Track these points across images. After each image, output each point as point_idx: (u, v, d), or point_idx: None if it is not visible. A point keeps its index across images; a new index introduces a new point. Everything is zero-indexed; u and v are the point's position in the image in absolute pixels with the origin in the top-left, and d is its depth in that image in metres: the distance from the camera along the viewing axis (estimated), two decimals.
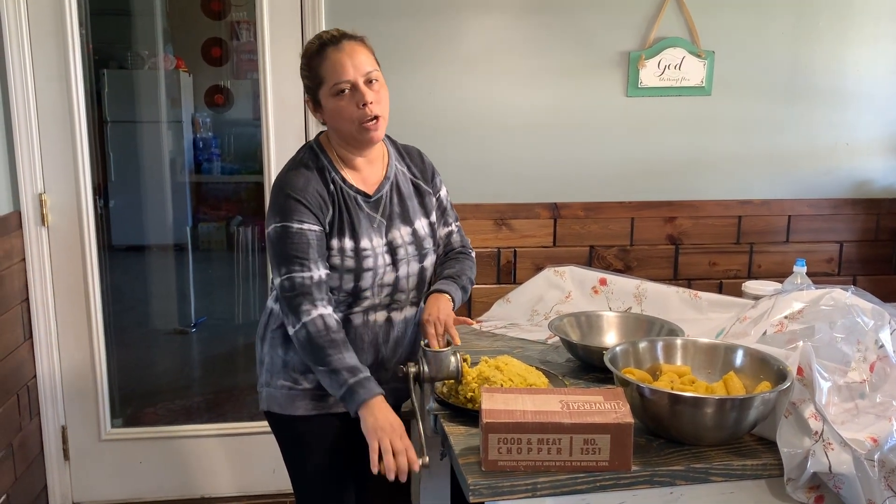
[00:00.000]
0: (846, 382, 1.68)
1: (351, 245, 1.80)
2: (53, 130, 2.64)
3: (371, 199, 1.86)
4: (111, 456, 2.90)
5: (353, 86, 1.74)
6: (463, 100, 2.79)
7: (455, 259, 2.02)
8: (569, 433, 1.49)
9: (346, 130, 1.79)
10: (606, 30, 2.80)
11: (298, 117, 2.75)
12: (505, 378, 1.81)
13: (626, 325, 2.24)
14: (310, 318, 1.72)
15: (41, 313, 2.70)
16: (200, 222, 4.93)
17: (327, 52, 1.75)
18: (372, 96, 1.74)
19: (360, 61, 1.75)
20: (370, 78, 1.76)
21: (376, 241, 1.83)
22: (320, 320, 1.73)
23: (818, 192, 3.04)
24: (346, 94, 1.74)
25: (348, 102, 1.74)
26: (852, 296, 1.81)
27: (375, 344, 1.89)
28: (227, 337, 4.37)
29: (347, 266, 1.80)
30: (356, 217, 1.82)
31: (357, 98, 1.74)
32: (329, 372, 1.71)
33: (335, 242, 1.79)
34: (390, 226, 1.87)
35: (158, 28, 4.52)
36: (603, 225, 2.93)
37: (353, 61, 1.74)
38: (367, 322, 1.87)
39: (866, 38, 2.95)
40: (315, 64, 1.77)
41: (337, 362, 1.71)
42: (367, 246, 1.81)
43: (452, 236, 2.06)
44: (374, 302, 1.86)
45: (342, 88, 1.74)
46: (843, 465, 1.50)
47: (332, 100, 1.76)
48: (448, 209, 2.05)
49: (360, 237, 1.81)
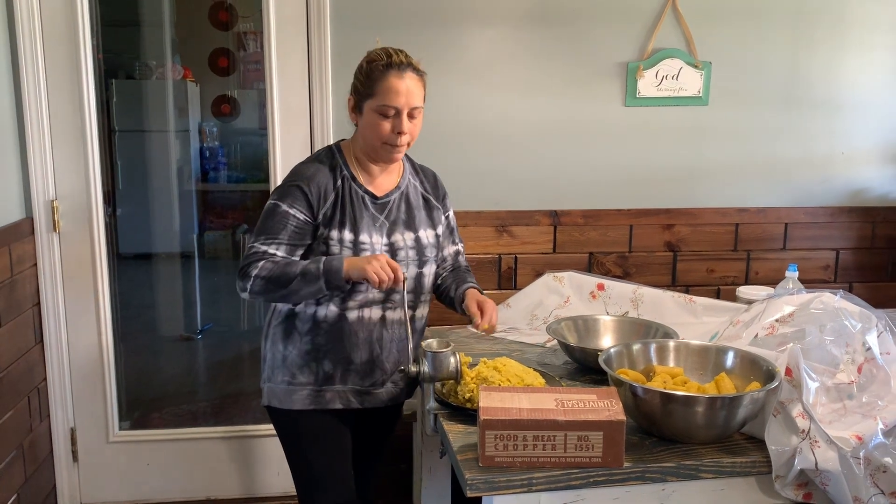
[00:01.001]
0: (835, 384, 1.72)
1: (350, 237, 1.91)
2: (65, 138, 2.70)
3: (378, 201, 1.97)
4: (119, 458, 2.95)
5: (397, 113, 1.86)
6: (464, 109, 2.85)
7: (468, 273, 2.18)
8: (563, 430, 1.53)
9: (372, 143, 1.91)
10: (605, 41, 2.86)
11: (304, 126, 2.81)
12: (503, 378, 1.85)
13: (623, 329, 2.29)
14: (256, 268, 1.85)
15: (52, 317, 2.75)
16: (207, 230, 4.99)
17: (390, 73, 1.86)
18: (408, 127, 1.88)
19: (413, 96, 1.88)
20: (413, 112, 1.89)
21: (376, 238, 1.94)
22: (266, 262, 1.86)
23: (815, 201, 3.09)
24: (388, 117, 1.87)
25: (386, 123, 1.87)
26: (841, 299, 1.86)
27: (370, 342, 1.97)
28: (233, 343, 4.42)
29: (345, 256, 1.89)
30: (359, 213, 1.92)
31: (395, 124, 1.87)
32: (300, 280, 1.82)
33: (335, 234, 1.90)
34: (393, 229, 1.97)
35: (166, 38, 4.59)
36: (602, 232, 2.98)
37: (407, 93, 1.86)
38: (361, 319, 1.95)
39: (862, 48, 3.00)
40: (374, 77, 1.87)
41: (299, 269, 1.83)
42: (365, 240, 1.92)
43: (460, 256, 2.21)
44: (369, 297, 1.94)
45: (388, 112, 1.86)
46: (828, 463, 1.55)
47: (373, 114, 1.88)
48: (455, 230, 2.20)
49: (360, 231, 1.91)
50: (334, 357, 1.95)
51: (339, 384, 1.97)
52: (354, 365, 1.96)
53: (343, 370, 1.97)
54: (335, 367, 1.96)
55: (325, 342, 1.95)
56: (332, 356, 1.95)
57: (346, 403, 1.98)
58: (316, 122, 2.79)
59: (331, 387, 1.97)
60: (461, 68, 2.82)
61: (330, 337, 1.95)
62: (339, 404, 1.98)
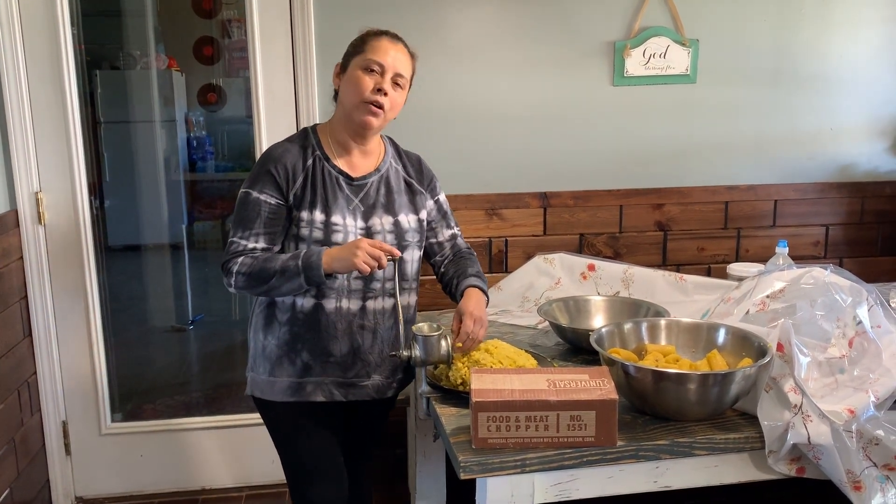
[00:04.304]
0: (826, 358, 1.73)
1: (321, 218, 1.87)
2: (48, 129, 2.67)
3: (354, 183, 1.92)
4: (112, 450, 2.94)
5: (382, 71, 1.85)
6: (451, 92, 2.83)
7: (470, 259, 2.11)
8: (555, 410, 1.53)
9: (349, 102, 1.87)
10: (591, 20, 2.84)
11: (290, 113, 2.79)
12: (495, 361, 1.85)
13: (614, 309, 2.29)
14: (237, 264, 1.84)
15: (40, 310, 2.73)
16: (196, 221, 4.96)
17: (383, 38, 1.89)
18: (389, 90, 1.86)
19: (401, 61, 1.88)
20: (398, 79, 1.87)
21: (350, 220, 1.89)
22: (246, 259, 1.84)
23: (803, 177, 3.09)
24: (371, 73, 1.85)
25: (369, 79, 1.84)
26: (831, 274, 1.86)
27: (350, 332, 1.91)
28: (225, 333, 4.40)
29: (315, 237, 1.86)
30: (332, 194, 1.88)
31: (377, 81, 1.85)
32: (280, 276, 1.80)
33: (305, 214, 1.87)
34: (371, 212, 1.92)
35: (150, 28, 4.54)
36: (592, 213, 2.97)
37: (395, 56, 1.87)
38: (339, 309, 1.89)
39: (848, 23, 2.99)
40: (367, 39, 1.89)
41: (279, 264, 1.81)
42: (338, 221, 1.87)
43: (458, 239, 2.15)
44: (345, 285, 1.89)
45: (372, 66, 1.85)
46: (821, 437, 1.55)
47: (357, 70, 1.86)
48: (448, 213, 2.13)
49: (333, 212, 1.87)
50: (312, 348, 1.90)
51: (318, 376, 1.91)
52: (334, 357, 1.90)
53: (322, 361, 1.91)
54: (314, 359, 1.90)
55: (303, 332, 1.89)
56: (311, 347, 1.90)
57: (328, 396, 1.92)
58: (301, 108, 2.76)
59: (310, 378, 1.91)
60: (447, 51, 2.80)
61: (308, 327, 1.89)
62: (322, 396, 1.92)
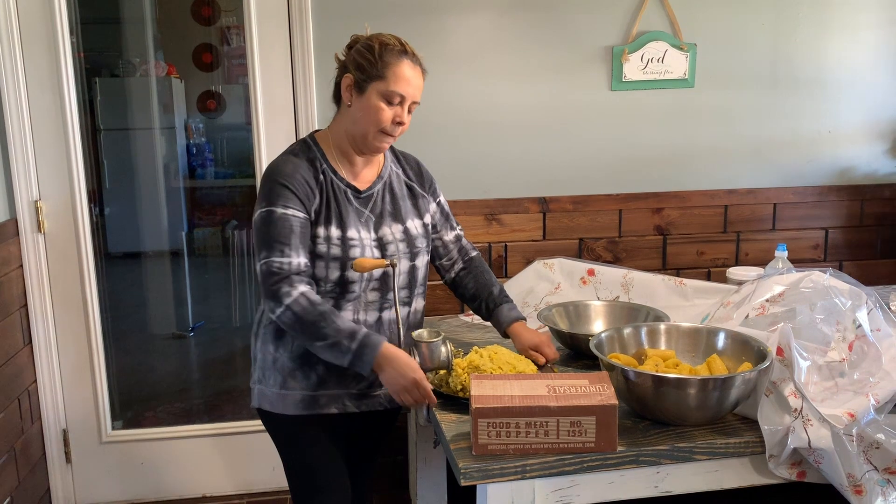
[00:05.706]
0: (826, 362, 1.73)
1: (338, 234, 1.83)
2: (47, 137, 2.68)
3: (361, 195, 1.90)
4: (112, 458, 2.93)
5: (402, 102, 1.83)
6: (450, 98, 2.83)
7: (483, 268, 2.12)
8: (555, 416, 1.53)
9: (363, 129, 1.84)
10: (589, 25, 2.84)
11: (288, 120, 2.79)
12: (495, 367, 1.85)
13: (614, 314, 2.29)
14: (292, 298, 1.74)
15: (40, 319, 2.73)
16: (196, 227, 4.96)
17: (405, 61, 1.83)
18: (406, 121, 1.86)
19: (419, 89, 1.86)
20: (412, 107, 1.87)
21: (364, 233, 1.87)
22: (303, 298, 1.74)
23: (803, 180, 3.09)
24: (392, 104, 1.82)
25: (388, 110, 1.82)
26: (831, 278, 1.86)
27: None
28: (225, 340, 4.39)
29: (333, 254, 1.82)
30: (344, 208, 1.86)
31: (397, 113, 1.83)
32: (328, 346, 1.74)
33: (321, 231, 1.82)
34: (380, 223, 1.91)
35: (149, 35, 4.54)
36: (591, 217, 2.97)
37: (416, 86, 1.85)
38: (356, 322, 1.87)
39: (846, 27, 2.99)
40: (388, 60, 1.81)
41: (333, 333, 1.73)
42: (354, 236, 1.85)
43: (462, 240, 2.15)
44: (362, 297, 1.88)
45: (394, 99, 1.82)
46: (821, 441, 1.55)
47: (378, 98, 1.82)
48: (450, 214, 2.13)
49: (348, 227, 1.84)
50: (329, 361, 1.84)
51: (334, 388, 1.89)
52: (351, 369, 1.85)
53: (338, 374, 1.87)
54: (329, 372, 1.87)
55: None
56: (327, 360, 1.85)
57: (341, 408, 1.90)
58: (300, 115, 2.77)
59: (325, 391, 1.88)
60: (446, 57, 2.81)
61: None
62: (335, 409, 1.89)
